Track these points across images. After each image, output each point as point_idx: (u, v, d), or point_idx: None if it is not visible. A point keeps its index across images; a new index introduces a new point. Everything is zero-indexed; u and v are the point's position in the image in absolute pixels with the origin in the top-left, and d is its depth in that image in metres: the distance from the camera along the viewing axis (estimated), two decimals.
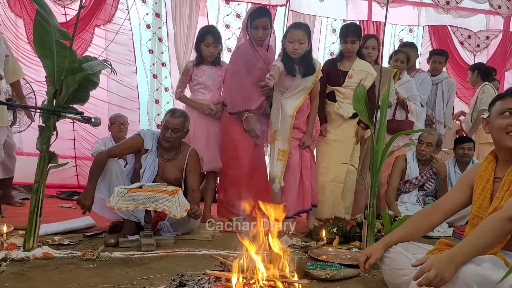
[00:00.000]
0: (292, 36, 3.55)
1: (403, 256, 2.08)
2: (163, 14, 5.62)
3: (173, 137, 3.26)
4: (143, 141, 3.31)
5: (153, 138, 3.34)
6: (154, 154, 3.30)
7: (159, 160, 3.30)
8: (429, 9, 6.39)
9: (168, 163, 3.33)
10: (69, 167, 5.18)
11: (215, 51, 3.85)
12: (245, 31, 3.70)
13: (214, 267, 2.23)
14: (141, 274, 2.30)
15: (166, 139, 3.25)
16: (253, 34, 3.64)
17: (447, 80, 5.07)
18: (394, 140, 3.04)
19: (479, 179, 2.05)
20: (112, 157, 3.20)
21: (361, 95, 3.01)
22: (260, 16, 3.62)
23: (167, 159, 3.33)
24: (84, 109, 4.46)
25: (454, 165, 4.47)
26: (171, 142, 3.27)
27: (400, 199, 4.23)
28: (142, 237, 2.88)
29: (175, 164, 3.34)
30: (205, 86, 3.87)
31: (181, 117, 3.30)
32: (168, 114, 3.31)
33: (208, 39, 3.80)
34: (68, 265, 2.41)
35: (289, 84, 3.66)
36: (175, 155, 3.36)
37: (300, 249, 2.88)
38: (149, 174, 3.23)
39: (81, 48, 5.19)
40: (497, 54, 6.54)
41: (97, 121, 2.63)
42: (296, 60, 3.61)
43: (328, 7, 6.11)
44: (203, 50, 3.84)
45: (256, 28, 3.62)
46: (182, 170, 3.34)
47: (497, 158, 2.05)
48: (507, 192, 1.88)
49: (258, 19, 3.61)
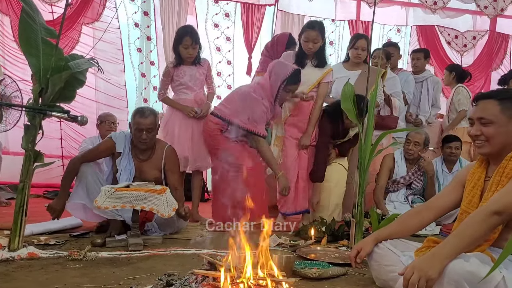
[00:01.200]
0: (307, 36, 3.71)
1: (392, 252, 2.10)
2: (151, 12, 5.61)
3: (149, 138, 3.15)
4: (114, 144, 3.22)
5: (125, 140, 3.22)
6: (128, 156, 3.21)
7: (135, 162, 3.22)
8: (417, 9, 6.45)
9: (144, 164, 3.24)
10: (56, 167, 5.13)
11: (194, 52, 3.79)
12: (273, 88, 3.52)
13: (201, 267, 2.22)
14: (128, 274, 2.28)
15: (142, 141, 3.14)
16: (281, 96, 3.55)
17: (432, 78, 5.13)
18: (382, 139, 3.06)
19: (471, 177, 2.09)
20: (82, 162, 3.14)
21: (349, 94, 3.02)
22: (297, 82, 3.55)
23: (143, 160, 3.24)
24: (71, 108, 4.39)
25: (442, 163, 4.50)
26: (147, 143, 3.17)
27: (388, 197, 4.26)
28: (129, 236, 2.86)
29: (152, 163, 3.25)
30: (187, 87, 3.86)
31: (151, 116, 3.16)
32: (137, 115, 3.14)
33: (186, 40, 3.73)
34: (54, 265, 2.38)
35: None
36: (151, 154, 3.26)
37: (289, 248, 2.88)
38: (125, 177, 3.15)
39: (68, 46, 5.16)
40: (484, 54, 6.62)
41: (83, 119, 2.60)
42: (308, 55, 3.79)
43: (317, 6, 6.15)
44: (181, 52, 3.77)
45: (288, 92, 3.55)
46: (160, 169, 3.27)
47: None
48: (494, 193, 1.91)
49: (294, 85, 3.54)
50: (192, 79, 3.84)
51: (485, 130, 1.97)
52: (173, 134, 3.80)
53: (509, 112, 1.94)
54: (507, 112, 1.94)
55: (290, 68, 3.50)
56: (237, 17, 5.85)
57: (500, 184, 1.92)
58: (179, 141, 3.73)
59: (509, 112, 1.94)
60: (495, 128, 1.95)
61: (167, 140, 3.70)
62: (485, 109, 1.98)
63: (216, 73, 5.77)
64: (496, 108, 1.95)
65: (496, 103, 1.95)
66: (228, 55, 5.88)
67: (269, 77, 3.53)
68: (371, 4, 5.98)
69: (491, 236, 1.88)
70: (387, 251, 2.12)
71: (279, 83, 3.46)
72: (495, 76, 6.70)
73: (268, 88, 3.51)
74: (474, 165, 2.13)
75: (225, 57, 5.87)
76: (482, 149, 2.02)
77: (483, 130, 1.98)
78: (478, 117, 1.99)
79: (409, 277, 1.70)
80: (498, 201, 1.81)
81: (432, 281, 1.69)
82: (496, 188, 1.92)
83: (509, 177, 1.90)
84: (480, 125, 1.99)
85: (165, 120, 3.95)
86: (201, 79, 3.88)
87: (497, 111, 1.95)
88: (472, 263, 1.71)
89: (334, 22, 6.26)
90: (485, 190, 2.01)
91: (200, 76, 3.87)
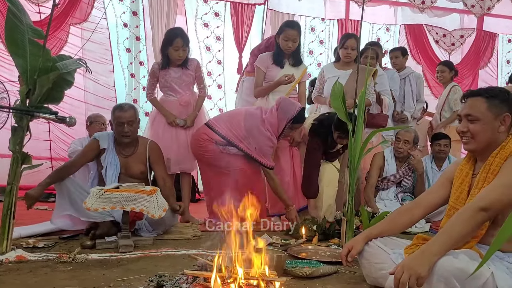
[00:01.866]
0: (287, 36, 3.86)
1: (382, 250, 2.12)
2: (140, 12, 5.58)
3: (131, 130, 3.21)
4: (98, 142, 3.25)
5: (108, 137, 3.28)
6: (113, 152, 3.25)
7: (120, 158, 3.26)
8: (406, 8, 6.49)
9: (129, 159, 3.28)
10: (44, 168, 5.07)
11: (184, 55, 3.76)
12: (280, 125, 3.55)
13: (192, 267, 2.21)
14: (118, 275, 2.26)
15: (125, 134, 3.19)
16: (286, 133, 3.63)
17: (413, 74, 5.17)
18: (372, 137, 3.07)
19: (459, 173, 2.12)
20: (77, 167, 3.22)
21: (339, 92, 3.03)
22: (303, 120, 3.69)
23: (127, 155, 3.28)
24: (60, 109, 4.40)
25: (431, 161, 4.54)
26: (130, 136, 3.22)
27: (379, 196, 4.28)
28: (119, 238, 2.84)
29: (137, 158, 3.30)
30: (172, 89, 3.83)
31: (131, 109, 3.24)
32: (117, 110, 3.21)
33: (177, 42, 3.69)
34: (42, 268, 2.36)
35: (275, 74, 3.89)
36: (134, 149, 3.31)
37: (280, 247, 2.88)
38: (111, 172, 3.19)
39: (56, 47, 5.12)
40: (471, 52, 6.68)
41: (72, 120, 2.58)
42: (286, 54, 3.94)
43: (306, 6, 6.17)
44: (171, 54, 3.73)
45: (292, 129, 3.63)
46: (145, 163, 3.31)
47: None
48: (481, 189, 1.93)
49: (301, 123, 3.66)
50: (178, 81, 3.81)
51: (471, 127, 1.99)
52: (157, 134, 3.79)
53: (495, 109, 1.96)
54: (494, 109, 1.96)
55: (297, 107, 3.56)
56: (226, 17, 5.84)
57: (486, 180, 1.94)
58: (163, 143, 3.72)
59: (495, 109, 1.96)
60: (481, 125, 1.97)
61: None
62: (472, 106, 2.00)
63: (207, 73, 5.75)
64: (483, 105, 1.97)
65: (484, 100, 1.98)
66: (218, 55, 5.87)
67: (276, 114, 3.55)
68: (359, 3, 6.01)
69: (479, 232, 1.90)
70: (378, 249, 2.13)
71: (285, 122, 3.53)
72: (483, 74, 6.77)
73: (275, 124, 3.55)
74: (462, 162, 2.15)
75: (215, 56, 5.86)
76: (467, 145, 2.04)
77: (470, 127, 2.00)
78: (466, 113, 2.01)
79: (400, 277, 1.71)
80: (484, 198, 1.83)
81: (422, 279, 1.70)
82: (483, 184, 1.95)
83: (494, 174, 1.92)
84: (467, 122, 2.01)
85: (152, 118, 3.96)
86: (188, 81, 3.85)
87: (484, 109, 1.97)
88: (461, 260, 1.72)
89: (324, 21, 6.28)
90: (472, 187, 2.03)
91: (187, 78, 3.84)
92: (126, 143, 3.26)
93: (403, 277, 1.70)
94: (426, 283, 1.72)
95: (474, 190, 1.99)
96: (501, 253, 1.87)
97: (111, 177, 3.19)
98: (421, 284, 1.71)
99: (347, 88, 3.67)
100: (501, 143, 1.97)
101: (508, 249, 1.86)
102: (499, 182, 1.86)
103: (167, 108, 3.82)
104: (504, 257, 1.86)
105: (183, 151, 3.81)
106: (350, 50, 4.10)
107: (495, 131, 1.98)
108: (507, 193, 1.81)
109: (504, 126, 1.97)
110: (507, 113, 1.97)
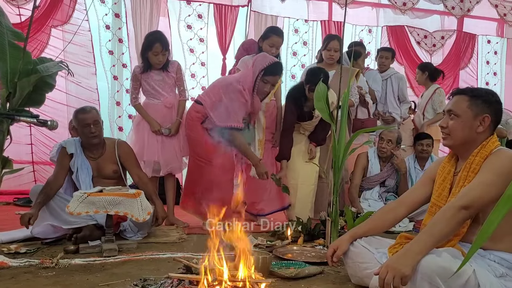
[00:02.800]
0: (273, 42, 3.89)
1: (366, 250, 2.15)
2: (122, 14, 5.53)
3: (98, 130, 3.17)
4: (66, 148, 3.21)
5: (74, 143, 3.24)
6: (82, 156, 3.22)
7: (89, 161, 3.23)
8: (387, 10, 6.55)
9: (99, 161, 3.25)
10: (26, 173, 5.02)
11: (164, 59, 3.72)
12: (252, 78, 3.52)
13: (177, 270, 2.20)
14: (103, 280, 2.24)
15: (92, 134, 3.15)
16: (260, 87, 3.53)
17: (396, 75, 5.21)
18: (356, 138, 3.10)
19: (442, 171, 2.15)
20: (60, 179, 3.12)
21: (322, 93, 3.05)
22: (276, 74, 3.55)
23: (96, 157, 3.25)
24: (41, 112, 4.30)
25: (414, 161, 4.59)
26: (97, 136, 3.18)
27: (363, 196, 4.32)
28: (103, 242, 2.81)
29: (107, 158, 3.27)
30: (156, 92, 3.78)
31: (92, 110, 3.23)
32: (79, 113, 3.17)
33: (157, 47, 3.65)
34: (25, 274, 2.32)
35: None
36: (103, 151, 3.28)
37: (265, 249, 2.88)
38: (83, 175, 3.16)
39: (37, 49, 5.04)
40: (452, 53, 6.78)
41: (53, 124, 2.55)
42: None
43: (290, 7, 6.18)
44: (151, 59, 3.69)
45: (266, 83, 3.54)
46: (116, 162, 3.27)
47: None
48: (462, 188, 1.96)
49: (273, 76, 3.53)
50: (161, 84, 3.77)
51: (450, 123, 2.04)
52: (143, 139, 3.75)
53: (476, 109, 2.00)
54: (474, 108, 2.00)
55: (270, 59, 3.55)
56: (210, 18, 5.82)
57: (467, 179, 1.97)
58: (149, 146, 3.70)
59: (476, 109, 2.00)
60: (459, 122, 2.02)
61: (137, 145, 3.72)
62: (455, 102, 2.05)
63: (190, 75, 5.73)
64: (465, 103, 2.02)
65: (467, 98, 2.02)
66: (201, 57, 5.85)
67: (252, 67, 3.56)
68: (342, 5, 6.05)
69: (461, 230, 1.93)
70: (362, 249, 2.16)
71: (258, 72, 3.49)
72: (463, 75, 6.88)
73: (249, 77, 3.52)
74: (444, 160, 2.19)
75: (199, 58, 5.84)
76: (445, 140, 2.10)
77: (449, 123, 2.05)
78: (448, 109, 2.07)
79: (384, 277, 1.73)
80: (464, 196, 1.86)
81: (406, 278, 1.72)
82: (464, 183, 1.98)
83: (475, 173, 1.95)
84: (449, 117, 2.06)
85: (136, 123, 3.92)
86: (171, 83, 3.82)
87: (465, 106, 2.01)
88: (444, 258, 1.75)
89: (307, 23, 6.31)
90: (454, 184, 2.06)
91: (169, 80, 3.80)
92: (93, 146, 3.21)
93: (387, 277, 1.72)
94: (411, 283, 1.75)
95: (455, 189, 2.02)
96: (483, 250, 1.91)
97: (85, 181, 3.15)
98: (405, 283, 1.73)
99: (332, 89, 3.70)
100: (481, 142, 2.00)
101: (489, 247, 1.89)
102: (479, 180, 1.89)
103: (152, 111, 3.78)
104: (486, 255, 1.90)
105: (171, 153, 3.79)
106: (333, 52, 4.12)
107: (473, 130, 2.01)
108: (487, 191, 1.84)
109: (482, 127, 2.00)
110: (487, 114, 1.99)
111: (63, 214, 2.95)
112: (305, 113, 3.90)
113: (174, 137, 3.80)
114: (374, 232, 2.27)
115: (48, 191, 3.03)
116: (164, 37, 3.81)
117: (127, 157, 3.31)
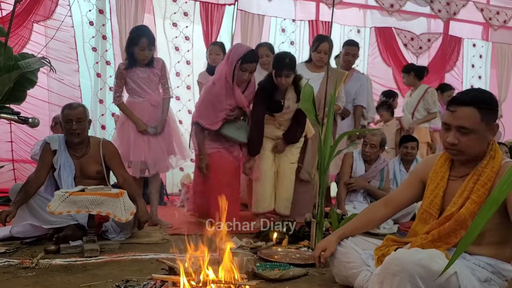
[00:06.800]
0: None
1: (353, 250, 2.16)
2: (107, 10, 5.44)
3: (80, 128, 3.10)
4: (50, 144, 3.15)
5: (59, 139, 3.18)
6: (65, 153, 3.15)
7: (73, 160, 3.17)
8: (375, 11, 6.58)
9: (82, 160, 3.19)
10: (6, 171, 4.91)
11: (150, 54, 3.67)
12: (229, 68, 3.51)
13: (161, 271, 2.17)
14: (84, 281, 2.20)
15: (73, 131, 3.09)
16: (239, 76, 3.52)
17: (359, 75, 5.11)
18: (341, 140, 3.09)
19: (434, 176, 2.05)
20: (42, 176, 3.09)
21: (309, 94, 3.04)
22: (253, 61, 3.53)
23: (79, 156, 3.19)
24: (22, 110, 4.25)
25: (399, 163, 4.61)
26: (79, 134, 3.11)
27: (348, 197, 4.30)
28: (85, 242, 2.76)
29: (90, 158, 3.21)
30: (141, 89, 3.71)
31: (79, 107, 3.16)
32: (65, 109, 3.12)
33: (143, 42, 3.59)
34: (4, 274, 2.28)
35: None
36: (87, 150, 3.21)
37: (250, 250, 2.86)
38: (66, 173, 3.10)
39: (19, 45, 4.93)
40: (438, 56, 6.84)
41: (35, 121, 2.50)
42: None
43: (277, 7, 6.16)
44: (137, 54, 3.62)
45: (245, 71, 3.51)
46: (100, 162, 3.21)
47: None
48: (468, 201, 1.87)
49: (250, 63, 3.50)
50: (146, 81, 3.70)
51: (464, 140, 1.87)
52: (129, 139, 3.69)
53: (487, 119, 1.87)
54: (486, 119, 1.87)
55: (245, 47, 3.59)
56: (196, 16, 5.77)
57: (474, 192, 1.87)
58: (135, 146, 3.64)
59: (487, 119, 1.87)
60: (475, 138, 1.87)
61: (123, 146, 3.65)
62: (465, 117, 1.85)
63: (175, 73, 5.66)
64: (477, 116, 1.85)
65: (477, 111, 1.85)
66: (187, 55, 5.79)
67: (227, 59, 3.56)
68: (329, 5, 6.05)
69: (452, 240, 1.89)
70: (350, 249, 2.17)
71: (235, 62, 3.48)
72: (449, 78, 6.95)
73: (226, 69, 3.52)
74: (436, 163, 2.06)
75: (184, 57, 5.78)
76: (457, 157, 1.94)
77: (462, 139, 1.87)
78: (459, 125, 1.87)
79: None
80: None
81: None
82: (469, 194, 1.88)
83: (485, 188, 1.85)
84: (459, 133, 1.87)
85: (120, 123, 3.83)
86: (156, 80, 3.76)
87: (479, 120, 1.85)
88: (424, 257, 1.74)
89: (295, 22, 6.30)
90: (448, 189, 1.98)
91: (154, 77, 3.74)
92: (77, 144, 3.15)
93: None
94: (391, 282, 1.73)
95: (457, 198, 1.91)
96: (468, 255, 1.90)
97: (67, 179, 3.09)
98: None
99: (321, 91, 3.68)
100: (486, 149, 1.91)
101: (474, 251, 1.89)
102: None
103: (137, 111, 3.71)
104: (471, 259, 1.89)
105: (157, 152, 3.74)
106: (323, 54, 4.03)
107: (486, 141, 1.91)
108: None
109: (492, 135, 1.92)
110: (495, 121, 1.91)
111: (44, 213, 2.90)
112: (275, 104, 3.73)
113: (160, 136, 3.75)
114: (362, 231, 2.29)
115: (28, 189, 2.97)
116: (151, 32, 3.77)
117: (112, 157, 3.24)
